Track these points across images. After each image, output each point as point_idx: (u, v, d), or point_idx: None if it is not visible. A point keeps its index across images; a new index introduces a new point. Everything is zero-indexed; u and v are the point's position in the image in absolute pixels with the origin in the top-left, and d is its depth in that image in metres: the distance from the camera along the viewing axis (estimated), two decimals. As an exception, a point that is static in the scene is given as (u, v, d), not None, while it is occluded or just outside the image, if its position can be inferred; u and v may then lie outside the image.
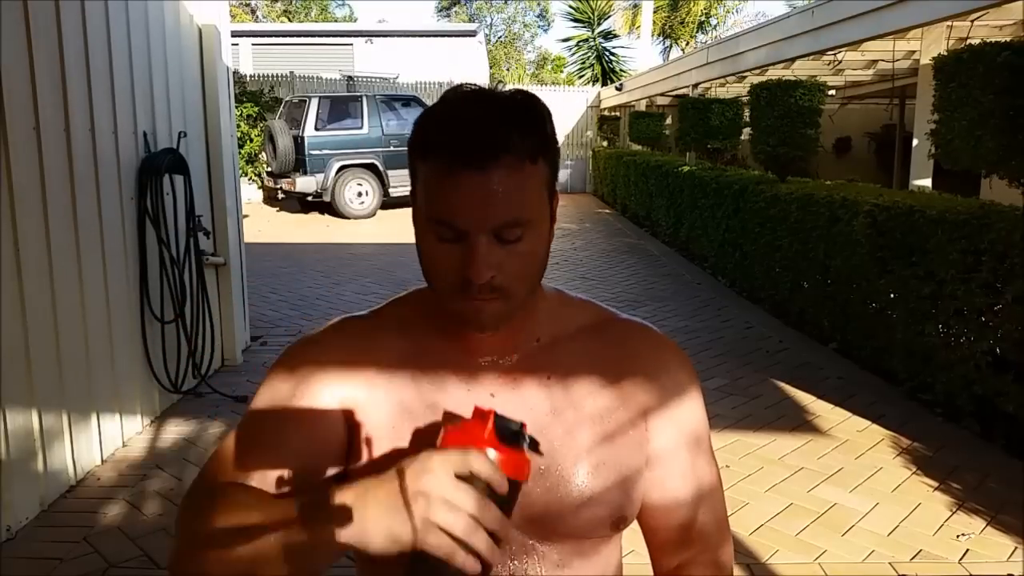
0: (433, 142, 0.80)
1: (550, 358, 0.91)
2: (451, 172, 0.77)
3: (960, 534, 2.79)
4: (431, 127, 0.81)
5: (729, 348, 5.14)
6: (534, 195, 0.81)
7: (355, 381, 0.89)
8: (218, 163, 4.57)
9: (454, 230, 0.79)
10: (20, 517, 2.79)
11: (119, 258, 3.56)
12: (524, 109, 0.81)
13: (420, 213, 0.83)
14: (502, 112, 0.79)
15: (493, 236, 0.79)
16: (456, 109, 0.80)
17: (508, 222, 0.79)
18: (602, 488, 0.89)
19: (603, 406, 0.91)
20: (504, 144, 0.77)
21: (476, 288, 0.79)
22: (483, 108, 0.79)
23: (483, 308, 0.81)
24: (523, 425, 0.71)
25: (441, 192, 0.79)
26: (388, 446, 0.87)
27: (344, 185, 12.20)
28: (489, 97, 0.81)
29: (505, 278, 0.80)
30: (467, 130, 0.78)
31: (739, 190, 6.69)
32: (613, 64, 22.88)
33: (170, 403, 4.02)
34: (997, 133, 3.42)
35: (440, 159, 0.78)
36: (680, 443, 0.95)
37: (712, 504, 0.97)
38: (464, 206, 0.77)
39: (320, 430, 0.87)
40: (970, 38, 5.86)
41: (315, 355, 0.90)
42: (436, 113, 0.82)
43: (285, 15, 31.09)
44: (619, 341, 0.95)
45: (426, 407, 0.88)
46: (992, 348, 3.52)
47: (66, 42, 3.11)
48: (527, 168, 0.79)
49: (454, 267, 0.80)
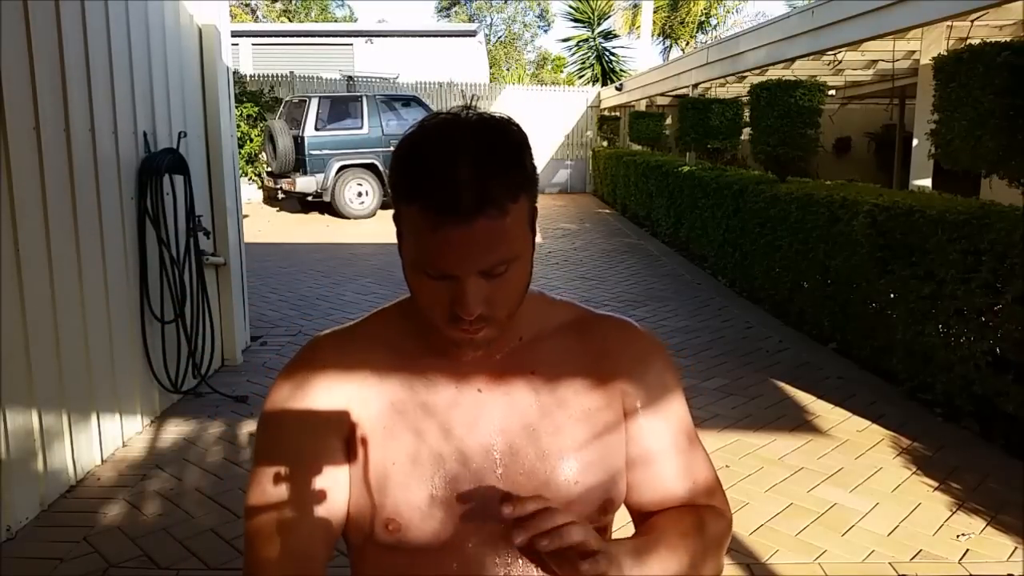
0: (414, 194, 0.81)
1: (533, 355, 0.94)
2: (436, 226, 0.79)
3: (960, 534, 2.79)
4: (410, 173, 0.81)
5: (729, 348, 5.14)
6: (518, 233, 0.83)
7: (347, 387, 0.92)
8: (218, 163, 4.57)
9: (440, 274, 0.83)
10: (20, 517, 2.79)
11: (119, 258, 3.56)
12: (502, 151, 0.81)
13: (407, 254, 0.86)
14: (481, 161, 0.79)
15: (480, 275, 0.82)
16: (434, 158, 0.80)
17: (494, 263, 0.82)
18: (590, 482, 0.92)
19: (588, 401, 0.94)
20: (487, 198, 0.78)
21: (466, 323, 0.84)
22: (461, 157, 0.79)
23: (473, 338, 0.86)
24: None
25: (427, 244, 0.81)
26: (382, 446, 0.90)
27: (344, 185, 12.20)
28: (465, 140, 0.80)
29: (492, 309, 0.84)
30: (448, 188, 0.78)
31: (739, 190, 6.69)
32: (613, 64, 22.86)
33: (170, 403, 4.02)
34: (997, 133, 3.42)
35: (424, 212, 0.80)
36: (669, 439, 0.97)
37: (707, 489, 0.99)
38: (452, 256, 0.81)
39: (325, 440, 0.91)
40: (970, 38, 5.86)
41: (306, 373, 0.94)
42: (413, 157, 0.82)
43: (285, 15, 31.08)
44: (600, 337, 0.98)
45: (417, 406, 0.91)
46: (992, 348, 3.52)
47: (66, 42, 3.11)
48: (509, 210, 0.81)
49: (443, 302, 0.84)
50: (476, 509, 0.88)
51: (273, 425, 0.93)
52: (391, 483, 0.89)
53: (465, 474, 0.89)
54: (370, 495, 0.89)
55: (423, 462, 0.89)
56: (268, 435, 0.93)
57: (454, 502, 0.88)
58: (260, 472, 0.91)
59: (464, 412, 0.91)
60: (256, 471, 0.91)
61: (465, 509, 0.88)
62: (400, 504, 0.88)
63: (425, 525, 0.88)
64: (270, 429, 0.93)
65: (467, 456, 0.90)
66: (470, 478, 0.89)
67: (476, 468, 0.90)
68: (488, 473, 0.90)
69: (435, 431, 0.90)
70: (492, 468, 0.90)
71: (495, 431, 0.91)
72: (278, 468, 0.89)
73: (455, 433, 0.90)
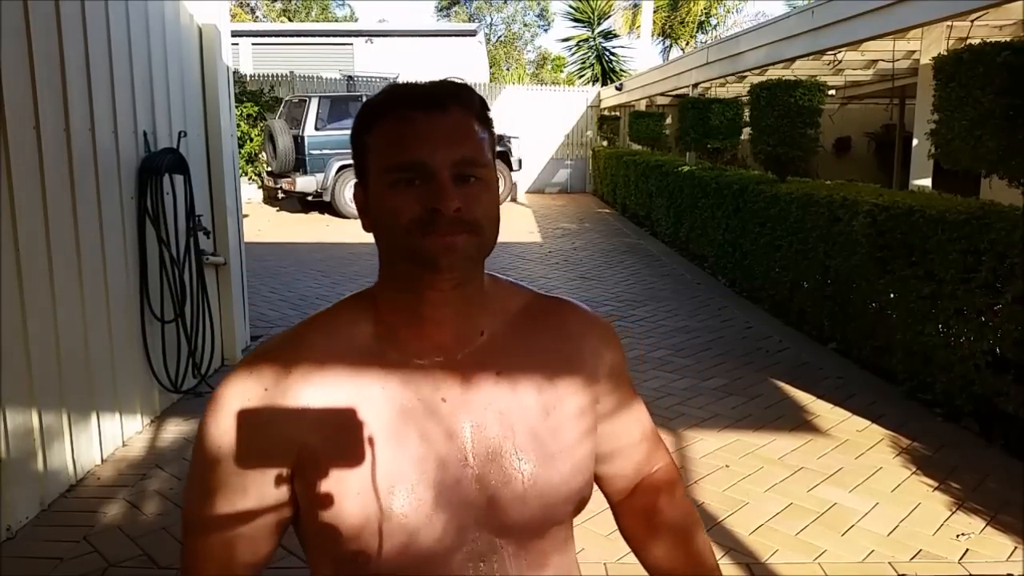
0: (385, 103, 0.84)
1: (495, 352, 0.90)
2: (409, 118, 0.82)
3: (960, 534, 2.79)
4: (378, 101, 0.86)
5: (729, 348, 5.14)
6: (485, 147, 0.85)
7: (292, 408, 0.84)
8: (218, 163, 4.57)
9: (415, 170, 0.81)
10: (20, 517, 2.79)
11: (119, 258, 3.56)
12: (467, 86, 0.87)
13: (374, 174, 0.85)
14: (446, 80, 0.86)
15: (453, 175, 0.81)
16: (402, 85, 0.86)
17: (467, 158, 0.82)
18: (565, 479, 0.89)
19: (553, 396, 0.91)
20: (454, 94, 0.84)
21: (445, 220, 0.80)
22: (430, 82, 0.86)
23: (453, 243, 0.81)
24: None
25: (400, 138, 0.82)
26: (337, 468, 0.83)
27: (344, 185, 12.19)
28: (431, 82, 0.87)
29: (471, 212, 0.81)
30: (418, 87, 0.84)
31: (739, 190, 6.69)
32: (613, 64, 22.85)
33: (170, 402, 4.02)
34: (997, 133, 3.42)
35: (396, 112, 0.83)
36: (620, 402, 1.01)
37: (657, 439, 1.07)
38: (425, 142, 0.81)
39: (268, 459, 0.85)
40: (970, 38, 5.86)
41: (250, 387, 0.85)
42: (379, 97, 0.87)
43: (285, 15, 31.08)
44: (555, 324, 0.95)
45: (373, 420, 0.84)
46: (992, 348, 3.52)
47: (66, 42, 3.11)
48: (475, 123, 0.84)
49: (418, 206, 0.81)
50: (455, 520, 0.84)
51: (213, 437, 0.85)
52: (343, 508, 0.82)
53: (433, 491, 0.83)
54: (323, 521, 0.83)
55: (382, 480, 0.82)
56: (199, 454, 0.87)
57: (430, 514, 0.83)
58: (199, 484, 0.88)
59: (432, 418, 0.85)
60: (194, 482, 0.88)
61: (444, 521, 0.83)
62: (360, 528, 0.82)
63: (389, 547, 0.82)
64: (210, 441, 0.85)
65: (432, 471, 0.84)
66: (444, 490, 0.84)
67: (446, 483, 0.84)
68: (460, 488, 0.84)
69: (393, 446, 0.83)
70: (463, 482, 0.85)
71: (466, 439, 0.86)
72: (217, 482, 0.85)
73: (425, 441, 0.84)
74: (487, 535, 0.86)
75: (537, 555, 0.89)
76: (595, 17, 23.30)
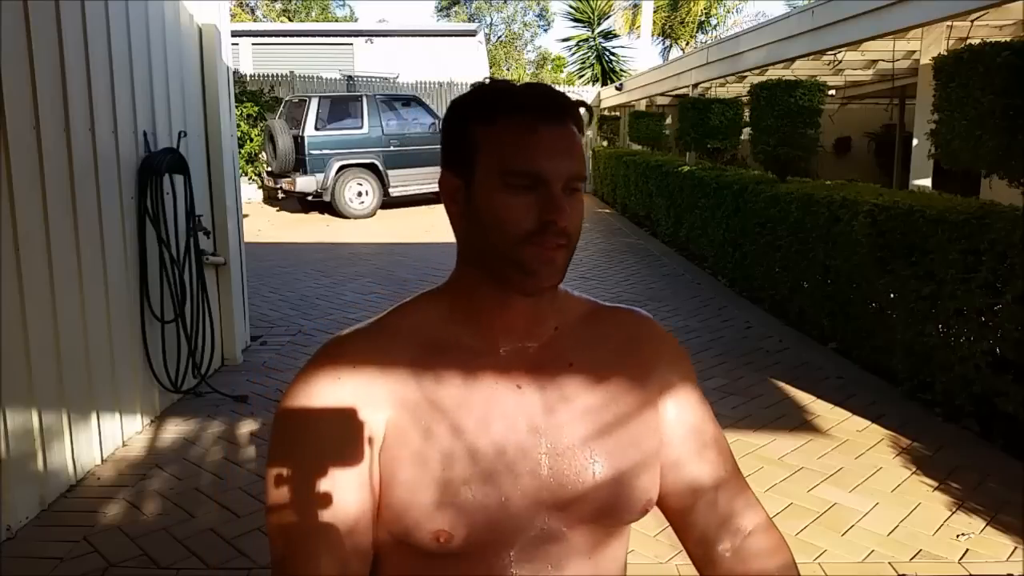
0: (510, 104, 0.87)
1: (567, 344, 0.94)
2: (534, 127, 0.85)
3: (960, 534, 2.79)
4: (500, 96, 0.88)
5: (729, 348, 5.14)
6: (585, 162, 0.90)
7: (375, 386, 0.87)
8: (218, 163, 4.57)
9: (532, 178, 0.84)
10: (20, 516, 2.79)
11: (119, 258, 3.56)
12: (580, 102, 0.92)
13: (484, 170, 0.86)
14: (562, 92, 0.90)
15: (562, 187, 0.85)
16: (514, 85, 0.89)
17: (578, 174, 0.86)
18: (632, 472, 0.91)
19: (622, 390, 0.94)
20: (573, 109, 0.88)
21: (554, 232, 0.84)
22: (542, 84, 0.91)
23: (555, 256, 0.86)
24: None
25: (522, 145, 0.85)
26: (420, 446, 0.85)
27: (344, 185, 12.20)
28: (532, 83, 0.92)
29: (572, 226, 0.86)
30: (545, 93, 0.87)
31: (739, 190, 6.69)
32: (613, 64, 22.84)
33: (170, 402, 4.02)
34: (997, 133, 3.42)
35: (522, 118, 0.85)
36: (691, 427, 0.99)
37: (734, 486, 1.00)
38: (547, 156, 0.84)
39: (352, 442, 0.85)
40: (970, 38, 5.86)
41: (336, 368, 0.87)
42: (496, 88, 0.89)
43: (285, 15, 31.08)
44: (623, 326, 0.99)
45: (456, 404, 0.87)
46: (992, 348, 3.52)
47: (66, 42, 3.11)
48: (580, 138, 0.89)
49: (530, 215, 0.84)
50: (523, 510, 0.86)
51: (296, 424, 0.86)
52: (425, 486, 0.84)
53: (509, 474, 0.86)
54: (402, 498, 0.85)
55: (462, 461, 0.85)
56: (289, 434, 0.87)
57: (499, 503, 0.85)
58: (283, 472, 0.85)
59: (504, 408, 0.88)
60: (276, 471, 0.85)
61: (512, 511, 0.85)
62: (440, 507, 0.84)
63: (467, 527, 0.84)
64: (291, 429, 0.87)
65: (509, 454, 0.86)
66: (514, 478, 0.86)
67: (520, 467, 0.86)
68: (534, 473, 0.87)
69: (473, 429, 0.86)
70: (537, 468, 0.87)
71: (539, 427, 0.88)
72: (303, 467, 0.84)
73: (501, 424, 0.87)
74: (555, 522, 0.88)
75: (597, 547, 0.91)
76: (595, 17, 23.30)
